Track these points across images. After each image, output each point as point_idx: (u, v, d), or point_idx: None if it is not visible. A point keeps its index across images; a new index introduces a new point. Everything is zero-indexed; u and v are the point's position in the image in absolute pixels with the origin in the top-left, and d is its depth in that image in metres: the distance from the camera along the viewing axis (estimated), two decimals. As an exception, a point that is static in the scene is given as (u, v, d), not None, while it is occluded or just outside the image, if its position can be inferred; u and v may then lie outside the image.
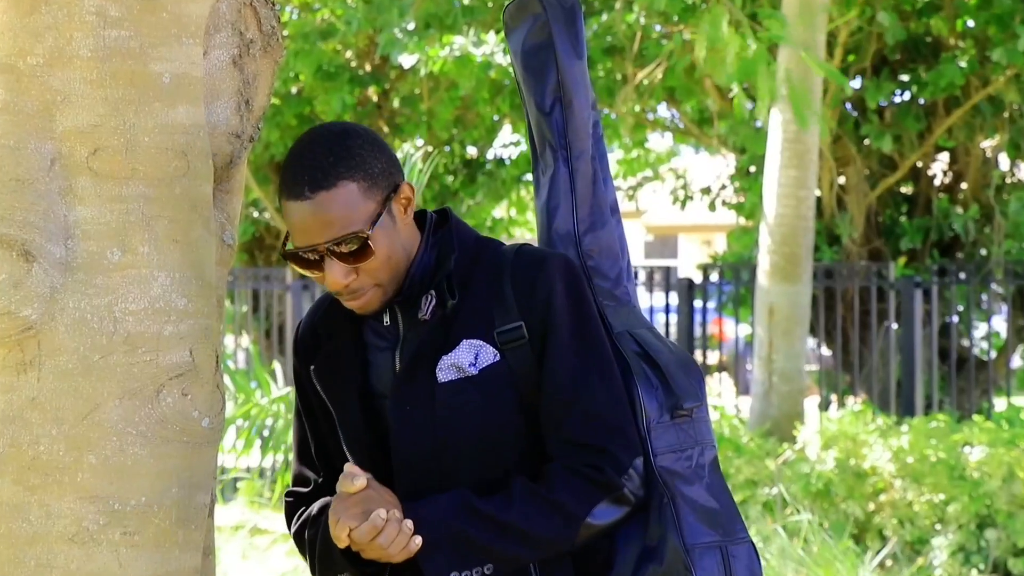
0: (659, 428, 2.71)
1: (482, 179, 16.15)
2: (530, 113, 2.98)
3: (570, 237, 2.89)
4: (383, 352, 2.69)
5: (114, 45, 2.55)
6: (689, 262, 30.53)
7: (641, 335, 2.80)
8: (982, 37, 12.89)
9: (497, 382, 2.60)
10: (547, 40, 2.93)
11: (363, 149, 2.65)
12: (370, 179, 2.63)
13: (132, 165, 2.56)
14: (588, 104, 2.94)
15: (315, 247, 2.62)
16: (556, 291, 2.62)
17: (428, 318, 2.63)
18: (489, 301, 2.63)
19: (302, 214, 2.63)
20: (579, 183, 2.91)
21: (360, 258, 2.60)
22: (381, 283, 2.63)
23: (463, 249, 2.68)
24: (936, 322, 11.95)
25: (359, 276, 2.62)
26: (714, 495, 2.72)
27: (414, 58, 12.49)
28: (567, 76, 2.92)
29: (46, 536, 2.51)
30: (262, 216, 16.88)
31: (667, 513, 2.66)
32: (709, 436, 2.78)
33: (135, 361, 2.54)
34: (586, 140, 2.93)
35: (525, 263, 2.65)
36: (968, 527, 8.41)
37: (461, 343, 2.61)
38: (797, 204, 10.27)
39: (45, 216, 2.51)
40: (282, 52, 2.84)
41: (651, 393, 2.72)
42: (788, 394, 10.28)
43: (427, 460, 2.60)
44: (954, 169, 13.80)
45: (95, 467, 2.52)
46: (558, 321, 2.61)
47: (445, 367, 2.61)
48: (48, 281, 2.50)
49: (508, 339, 2.61)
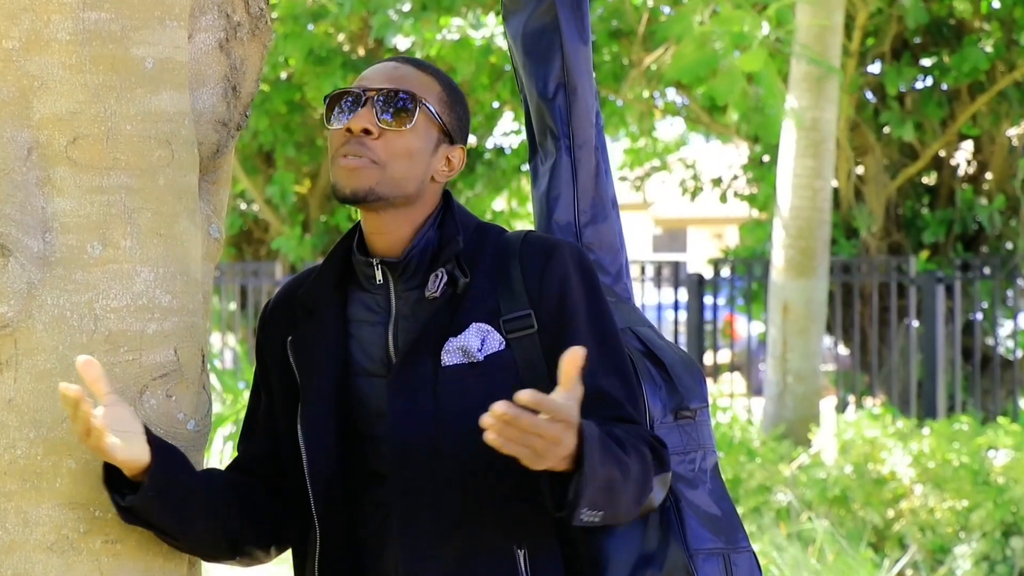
0: (662, 428, 2.72)
1: (481, 169, 16.16)
2: (530, 99, 2.98)
3: (570, 228, 2.90)
4: (373, 327, 2.65)
5: (94, 28, 2.56)
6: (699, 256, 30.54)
7: (644, 333, 2.81)
8: (1008, 19, 12.89)
9: (501, 370, 2.59)
10: (552, 22, 2.95)
11: (456, 92, 2.70)
12: (451, 103, 2.68)
13: (113, 154, 2.56)
14: (592, 92, 2.96)
15: (367, 89, 2.62)
16: (570, 282, 2.62)
17: (437, 296, 2.62)
18: (495, 287, 2.62)
19: (379, 68, 2.67)
20: (581, 174, 2.92)
21: (394, 121, 2.61)
22: (385, 168, 2.60)
23: (467, 231, 2.68)
24: (959, 319, 11.96)
25: (378, 138, 2.60)
26: (716, 501, 2.73)
27: (410, 41, 12.49)
28: (572, 61, 2.94)
29: (23, 544, 2.51)
30: (250, 208, 16.88)
31: (670, 517, 2.67)
32: (710, 440, 2.79)
33: (117, 361, 2.54)
34: (589, 129, 2.94)
35: (535, 250, 2.65)
36: (992, 535, 8.41)
37: (471, 326, 2.60)
38: (813, 195, 10.28)
39: (21, 208, 2.52)
40: (271, 35, 2.84)
41: (655, 392, 2.73)
42: (803, 395, 10.28)
43: (425, 445, 2.58)
44: (978, 158, 13.81)
45: (75, 472, 2.52)
46: (574, 311, 2.61)
47: (452, 350, 2.59)
48: (25, 276, 2.50)
49: (515, 327, 2.60)
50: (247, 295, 14.41)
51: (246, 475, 2.73)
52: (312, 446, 2.62)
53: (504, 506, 2.58)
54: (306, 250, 15.20)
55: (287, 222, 15.85)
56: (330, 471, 2.62)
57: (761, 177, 14.04)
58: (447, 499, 2.57)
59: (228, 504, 2.66)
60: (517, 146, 16.56)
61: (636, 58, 13.40)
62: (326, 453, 2.62)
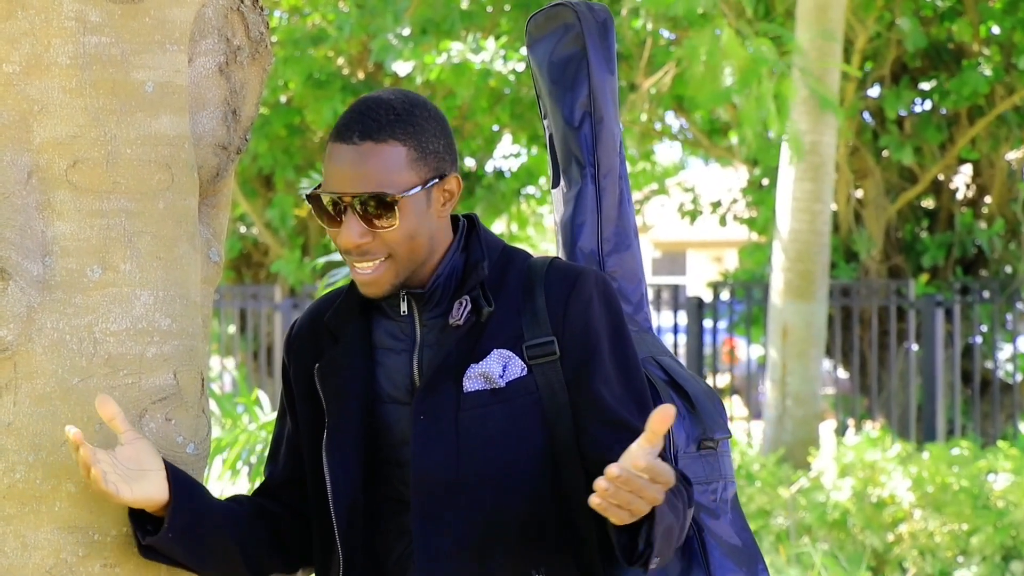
0: (686, 458, 2.73)
1: (481, 192, 16.14)
2: (555, 126, 2.99)
3: (593, 257, 2.92)
4: (398, 355, 2.66)
5: (94, 52, 2.56)
6: (699, 280, 30.53)
7: (667, 362, 2.84)
8: (1007, 43, 12.91)
9: (523, 397, 2.60)
10: (580, 52, 2.97)
11: (426, 122, 2.63)
12: (421, 152, 2.61)
13: (113, 178, 2.56)
14: (616, 121, 2.97)
15: (341, 195, 2.58)
16: (594, 311, 2.62)
17: (461, 324, 2.62)
18: (520, 313, 2.63)
19: (342, 158, 2.59)
20: (605, 202, 2.94)
21: (380, 222, 2.57)
22: (396, 257, 2.60)
23: (492, 257, 2.68)
24: (959, 343, 11.95)
25: (374, 240, 2.59)
26: (737, 532, 2.74)
27: (409, 65, 12.50)
28: (599, 90, 2.96)
29: (22, 569, 2.51)
30: (250, 232, 16.88)
31: (693, 546, 2.67)
32: (731, 471, 2.80)
33: (116, 384, 2.54)
34: (614, 158, 2.97)
35: (559, 277, 2.65)
36: (992, 559, 8.40)
37: (492, 352, 2.61)
38: (812, 219, 10.28)
39: (21, 232, 2.52)
40: (271, 59, 2.85)
41: (679, 423, 2.74)
42: (803, 419, 10.27)
43: (447, 471, 2.58)
44: (978, 182, 13.81)
45: (74, 496, 2.52)
46: (596, 340, 2.61)
47: (473, 376, 2.60)
48: (24, 300, 2.51)
49: (538, 354, 2.61)
50: (246, 318, 14.40)
51: (272, 501, 2.75)
52: (336, 471, 2.63)
53: (523, 531, 2.59)
54: (305, 273, 15.19)
55: (287, 245, 15.84)
56: (354, 496, 2.63)
57: (760, 200, 14.04)
58: (466, 524, 2.57)
59: (253, 536, 2.67)
60: (517, 169, 16.55)
61: (637, 82, 13.41)
62: (350, 479, 2.63)
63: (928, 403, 11.54)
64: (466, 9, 13.13)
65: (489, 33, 13.17)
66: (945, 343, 11.91)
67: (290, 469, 2.75)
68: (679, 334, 12.82)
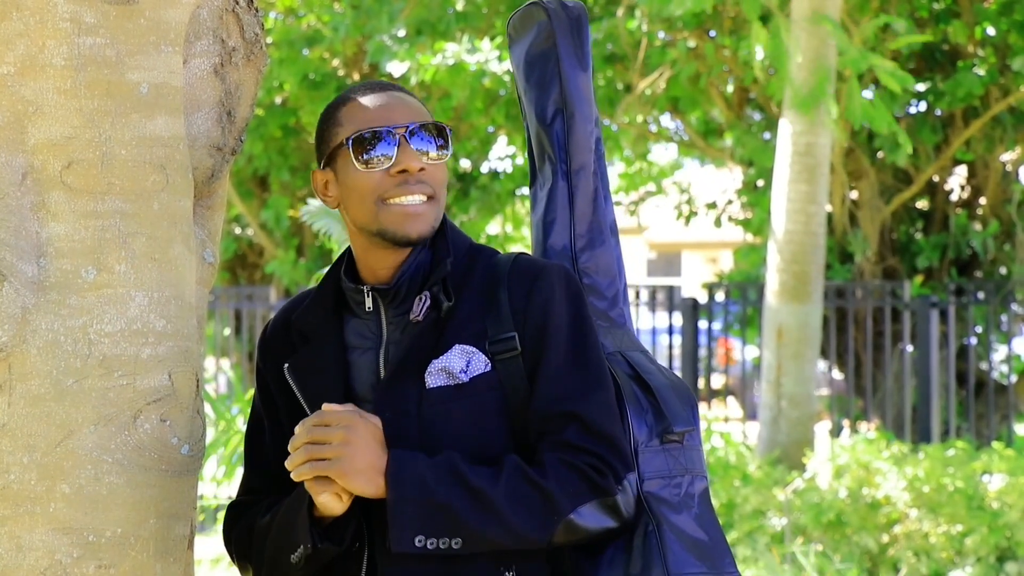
0: (647, 452, 2.73)
1: (476, 193, 16.15)
2: (530, 125, 3.00)
3: (566, 253, 2.91)
4: (365, 353, 2.69)
5: (89, 53, 2.56)
6: (694, 281, 30.53)
7: (634, 357, 2.83)
8: (1002, 45, 12.92)
9: (487, 392, 2.62)
10: (551, 49, 2.97)
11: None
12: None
13: (108, 179, 2.56)
14: (591, 118, 2.97)
15: (396, 125, 2.65)
16: (554, 301, 2.65)
17: (420, 319, 2.64)
18: (483, 309, 2.65)
19: (386, 101, 2.69)
20: (579, 199, 2.94)
21: (438, 152, 2.67)
22: (436, 199, 2.67)
23: (458, 254, 2.70)
24: (953, 344, 11.96)
25: (427, 175, 2.67)
26: (703, 527, 2.73)
27: (405, 66, 12.50)
28: (570, 87, 2.96)
29: (16, 570, 2.51)
30: (245, 233, 16.88)
31: (652, 541, 2.67)
32: (700, 466, 2.78)
33: (111, 385, 2.54)
34: (588, 154, 2.96)
35: (522, 272, 2.68)
36: (987, 560, 8.41)
37: (453, 348, 2.63)
38: (807, 220, 10.29)
39: (16, 233, 2.52)
40: (266, 60, 2.85)
41: (640, 416, 2.74)
42: (798, 420, 10.28)
43: None
44: (972, 183, 13.83)
45: (69, 497, 2.52)
46: (556, 332, 2.63)
47: (435, 371, 2.62)
48: (19, 301, 2.51)
49: (500, 349, 2.63)
50: (241, 319, 14.39)
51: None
52: None
53: None
54: (300, 274, 15.19)
55: (281, 246, 15.84)
56: None
57: (755, 202, 14.05)
58: None
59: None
60: (512, 170, 16.56)
61: (632, 83, 13.41)
62: None
63: (923, 404, 11.55)
64: (461, 10, 13.13)
65: (484, 34, 13.17)
66: (940, 344, 11.92)
67: (275, 466, 2.74)
68: (674, 335, 12.83)
